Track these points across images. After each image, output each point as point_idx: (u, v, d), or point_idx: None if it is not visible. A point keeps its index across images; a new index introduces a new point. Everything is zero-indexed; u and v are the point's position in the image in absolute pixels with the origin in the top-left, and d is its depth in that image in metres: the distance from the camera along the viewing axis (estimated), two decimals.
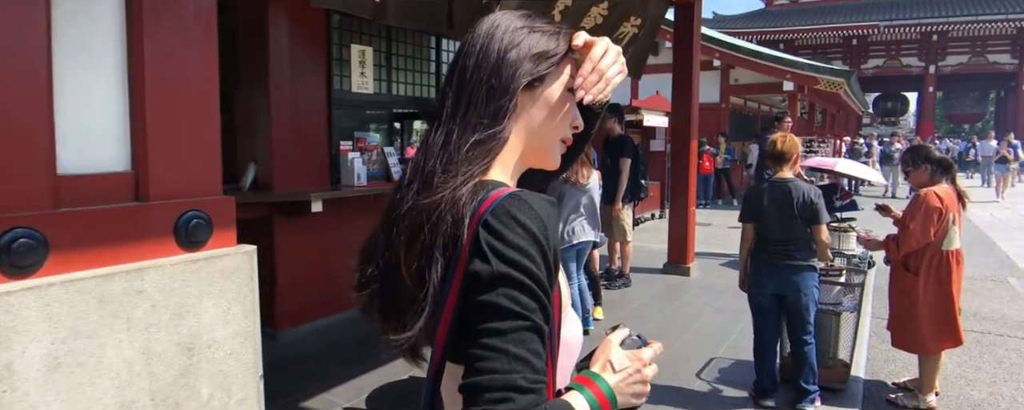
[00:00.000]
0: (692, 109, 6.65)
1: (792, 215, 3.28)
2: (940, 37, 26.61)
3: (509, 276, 0.75)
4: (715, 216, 12.17)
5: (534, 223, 0.78)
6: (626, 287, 6.05)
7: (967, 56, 27.36)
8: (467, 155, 0.84)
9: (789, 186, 3.30)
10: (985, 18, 24.70)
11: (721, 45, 14.54)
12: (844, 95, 14.95)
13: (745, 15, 31.21)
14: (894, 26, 26.18)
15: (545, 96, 0.90)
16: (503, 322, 0.74)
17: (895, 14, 26.45)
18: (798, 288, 3.30)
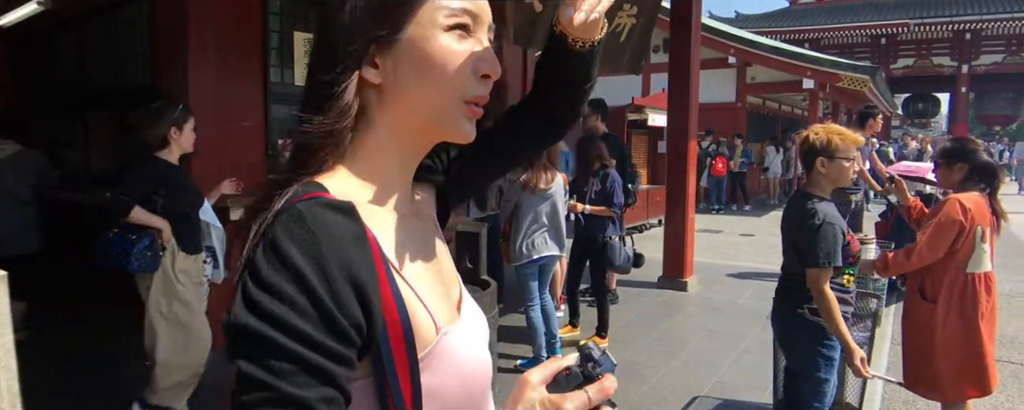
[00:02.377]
0: (690, 106, 5.99)
1: (789, 243, 2.46)
2: (973, 35, 25.38)
3: (247, 330, 0.58)
4: (728, 223, 11.44)
5: (301, 249, 0.59)
6: (613, 304, 5.40)
7: (1002, 55, 26.06)
8: (293, 153, 0.70)
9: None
10: (1021, 15, 23.47)
11: (736, 41, 13.83)
12: (869, 94, 14.07)
13: (769, 14, 30.25)
14: (925, 24, 25.03)
15: (410, 47, 0.70)
16: (243, 394, 0.57)
17: (926, 12, 25.30)
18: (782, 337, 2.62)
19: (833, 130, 2.36)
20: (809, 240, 2.28)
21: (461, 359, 0.71)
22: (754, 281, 6.35)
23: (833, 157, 2.31)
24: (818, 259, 2.25)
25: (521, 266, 3.75)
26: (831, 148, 2.31)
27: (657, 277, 6.14)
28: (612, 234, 4.16)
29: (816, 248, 2.25)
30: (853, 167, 2.34)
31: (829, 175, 2.33)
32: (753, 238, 9.68)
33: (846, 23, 26.30)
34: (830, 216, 2.28)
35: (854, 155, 2.34)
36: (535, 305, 3.77)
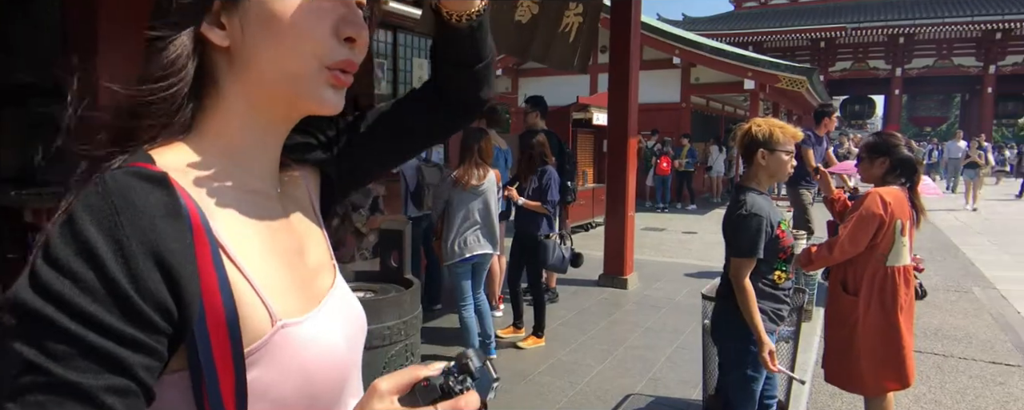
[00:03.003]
0: (630, 106, 6.00)
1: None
2: (906, 40, 26.52)
3: (24, 307, 0.50)
4: (671, 221, 11.59)
5: (95, 222, 0.52)
6: (552, 302, 5.37)
7: (933, 59, 27.30)
8: (113, 121, 0.62)
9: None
10: (951, 20, 24.62)
11: (680, 42, 14.04)
12: (807, 94, 14.49)
13: (714, 17, 30.96)
14: (861, 28, 26.03)
15: (259, 4, 0.61)
16: (14, 379, 0.49)
17: (862, 16, 26.31)
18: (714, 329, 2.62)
19: (774, 123, 2.37)
20: (733, 230, 2.29)
21: (305, 355, 0.63)
22: (693, 278, 6.42)
23: (773, 150, 2.31)
24: (739, 249, 2.25)
25: (453, 265, 3.66)
26: (772, 140, 2.31)
27: (598, 275, 6.14)
28: (547, 232, 4.11)
29: (738, 238, 2.26)
30: (791, 161, 2.35)
31: (768, 167, 2.34)
32: (695, 236, 9.82)
33: (787, 27, 27.14)
34: (757, 208, 2.27)
35: (793, 149, 2.35)
36: (468, 305, 3.68)
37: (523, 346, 4.22)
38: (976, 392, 3.69)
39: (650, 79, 14.60)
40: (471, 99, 0.83)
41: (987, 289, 6.39)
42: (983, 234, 10.16)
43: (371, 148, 0.83)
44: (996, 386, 3.78)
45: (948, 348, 4.47)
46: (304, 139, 0.77)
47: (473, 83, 0.81)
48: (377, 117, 0.84)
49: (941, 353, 4.37)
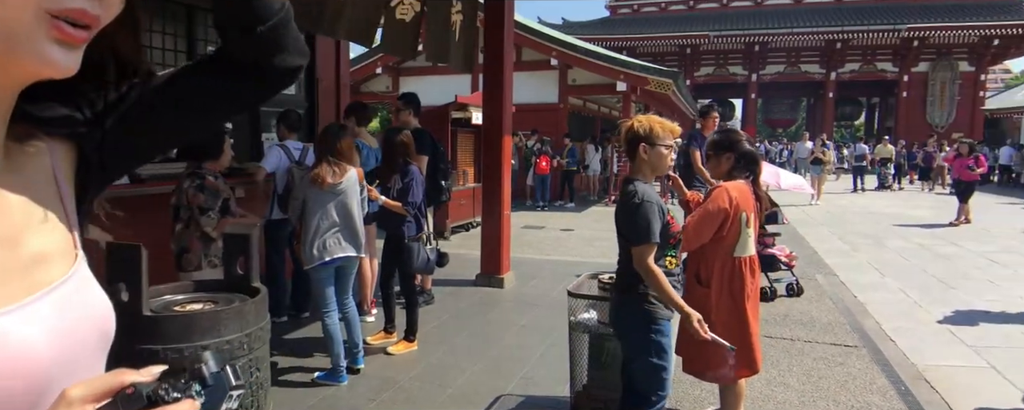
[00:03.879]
0: (504, 103, 6.00)
1: (619, 229, 2.48)
2: (761, 48, 28.78)
3: None
4: (550, 219, 11.80)
5: None
6: (427, 304, 5.25)
7: (784, 66, 29.85)
8: None
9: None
10: (799, 31, 27.02)
11: (558, 44, 14.35)
12: (673, 97, 15.31)
13: (592, 22, 32.04)
14: (722, 36, 27.95)
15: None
16: None
17: (723, 25, 28.25)
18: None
19: (654, 119, 2.45)
20: (629, 219, 2.35)
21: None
22: (569, 274, 6.51)
23: (654, 144, 2.38)
24: (639, 235, 2.31)
25: (314, 269, 3.45)
26: (652, 135, 2.39)
27: (475, 275, 6.08)
28: (414, 234, 3.98)
29: (636, 225, 2.32)
30: (671, 155, 2.41)
31: (650, 161, 2.41)
32: (573, 233, 10.05)
33: (657, 33, 28.66)
34: (648, 195, 2.34)
35: (672, 144, 2.41)
36: (331, 312, 3.48)
37: (393, 351, 4.07)
38: (820, 373, 3.99)
39: (530, 80, 14.84)
40: (268, 67, 0.72)
41: (829, 276, 7.00)
42: (825, 225, 11.17)
43: (150, 123, 0.71)
44: (837, 366, 4.10)
45: (795, 332, 4.81)
46: (68, 111, 0.64)
47: (261, 48, 0.71)
48: (157, 87, 0.71)
49: (789, 337, 4.70)
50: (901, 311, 5.60)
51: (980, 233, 10.35)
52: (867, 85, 30.91)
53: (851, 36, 26.75)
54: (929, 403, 3.55)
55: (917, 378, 3.94)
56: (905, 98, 28.08)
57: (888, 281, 6.82)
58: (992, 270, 7.39)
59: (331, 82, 6.50)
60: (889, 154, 19.84)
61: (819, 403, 3.53)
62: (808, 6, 28.86)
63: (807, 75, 29.72)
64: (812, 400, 3.57)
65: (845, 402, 3.54)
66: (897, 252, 8.61)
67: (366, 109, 5.09)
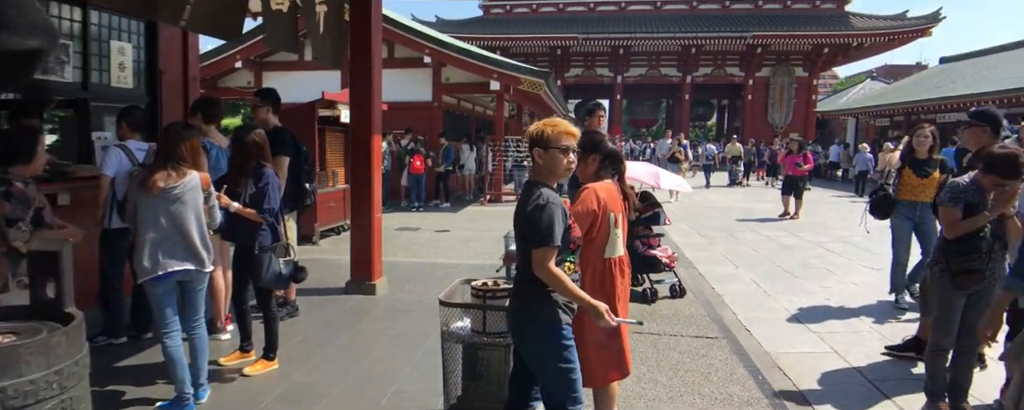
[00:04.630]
0: (372, 101, 5.73)
1: (517, 232, 2.39)
2: (625, 51, 30.26)
3: None
4: (426, 220, 11.59)
5: None
6: (291, 317, 4.89)
7: (646, 69, 31.56)
8: None
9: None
10: (659, 36, 28.67)
11: (430, 41, 14.13)
12: (545, 96, 15.60)
13: (466, 21, 32.05)
14: (590, 39, 29.03)
15: None
16: None
17: (590, 28, 29.34)
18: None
19: (548, 122, 2.38)
20: (530, 222, 2.26)
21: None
22: (444, 277, 6.37)
23: (547, 147, 2.33)
24: (541, 238, 2.23)
25: (148, 284, 3.05)
26: (544, 139, 2.33)
27: (345, 282, 5.77)
28: (267, 243, 3.64)
29: (537, 228, 2.24)
30: (567, 158, 2.33)
31: (546, 165, 2.35)
32: (448, 233, 9.91)
33: (529, 34, 29.24)
34: (551, 198, 2.28)
35: (568, 146, 2.32)
36: (171, 332, 3.10)
37: (251, 372, 3.72)
38: (686, 366, 4.14)
39: (402, 77, 14.50)
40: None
41: (689, 268, 7.38)
42: (684, 220, 11.84)
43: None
44: (701, 358, 4.28)
45: (661, 327, 4.98)
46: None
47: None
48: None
49: (656, 332, 4.85)
50: (755, 301, 5.99)
51: (816, 225, 11.43)
52: (718, 88, 33.40)
53: (704, 42, 28.77)
54: (784, 390, 3.78)
55: (772, 366, 4.19)
56: (750, 100, 30.65)
57: (742, 272, 7.30)
58: (829, 259, 8.14)
59: (177, 75, 5.90)
60: (739, 152, 21.52)
61: (686, 397, 3.64)
62: (667, 12, 30.65)
63: (666, 78, 31.59)
64: (679, 394, 3.68)
65: (709, 394, 3.68)
66: (748, 244, 9.28)
67: (215, 105, 4.63)
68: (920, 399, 3.59)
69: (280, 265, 3.68)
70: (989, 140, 3.86)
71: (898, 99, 25.11)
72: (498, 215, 12.44)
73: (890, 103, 25.14)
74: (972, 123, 4.04)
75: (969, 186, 3.28)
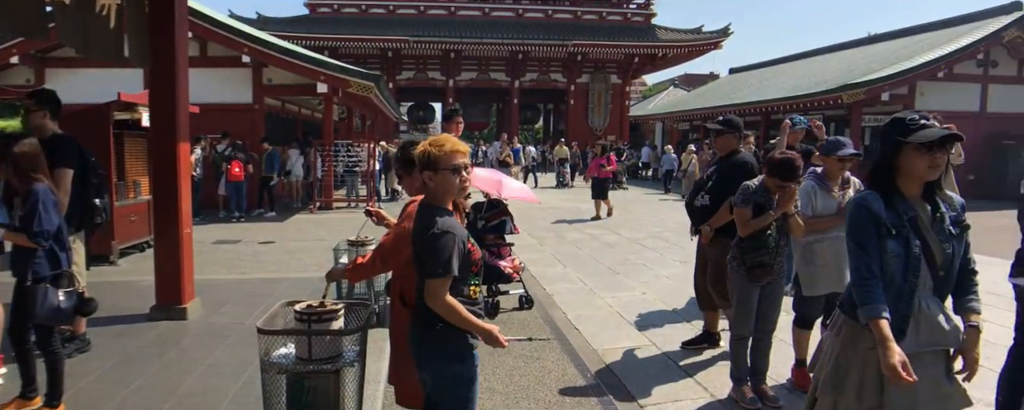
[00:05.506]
0: (177, 101, 5.16)
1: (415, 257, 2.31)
2: (456, 55, 30.52)
3: None
4: (247, 231, 10.77)
5: None
6: (82, 352, 4.26)
7: (476, 73, 32.10)
8: None
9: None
10: (488, 41, 29.30)
11: (249, 39, 13.19)
12: (375, 99, 15.25)
13: (290, 19, 30.37)
14: (421, 42, 28.91)
15: None
16: None
17: (422, 32, 29.22)
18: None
19: (432, 142, 2.29)
20: (427, 251, 2.19)
21: None
22: (268, 294, 5.94)
23: (437, 169, 2.25)
24: (435, 269, 2.16)
25: None
26: (432, 160, 2.25)
27: (149, 307, 5.16)
28: (43, 273, 3.13)
29: (433, 258, 2.17)
30: (459, 177, 2.25)
31: (437, 187, 2.28)
32: (273, 245, 9.30)
33: (359, 35, 28.41)
34: (448, 226, 2.21)
35: (459, 164, 2.24)
36: None
37: None
38: (520, 371, 4.21)
39: (218, 77, 13.38)
40: None
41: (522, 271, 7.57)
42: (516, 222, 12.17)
43: None
44: (534, 362, 4.38)
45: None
46: None
47: None
48: None
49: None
50: (582, 300, 6.30)
51: (632, 222, 12.34)
52: (544, 93, 34.93)
53: (530, 48, 29.92)
54: (611, 386, 3.99)
55: (599, 363, 4.41)
56: (572, 105, 32.43)
57: (570, 272, 7.65)
58: (644, 255, 8.81)
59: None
60: (565, 155, 22.66)
61: (522, 403, 3.71)
62: (494, 19, 31.42)
63: (496, 82, 32.39)
64: (515, 401, 3.74)
65: (543, 398, 3.78)
66: (574, 244, 9.76)
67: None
68: (719, 375, 3.97)
69: (60, 297, 3.17)
70: (736, 143, 4.49)
71: (697, 105, 28.04)
72: (329, 223, 11.93)
73: (690, 109, 27.99)
74: (722, 130, 4.47)
75: (758, 188, 3.68)
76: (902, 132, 2.11)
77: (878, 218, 2.11)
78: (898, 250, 2.11)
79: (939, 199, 2.20)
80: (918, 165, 2.10)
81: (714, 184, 4.44)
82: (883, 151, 2.19)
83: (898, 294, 2.12)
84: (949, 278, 2.19)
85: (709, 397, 3.86)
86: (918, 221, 2.13)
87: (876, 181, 2.21)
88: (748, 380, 3.77)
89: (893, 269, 2.12)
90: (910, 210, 2.14)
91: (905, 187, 2.17)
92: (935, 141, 2.05)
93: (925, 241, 2.12)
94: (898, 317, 2.10)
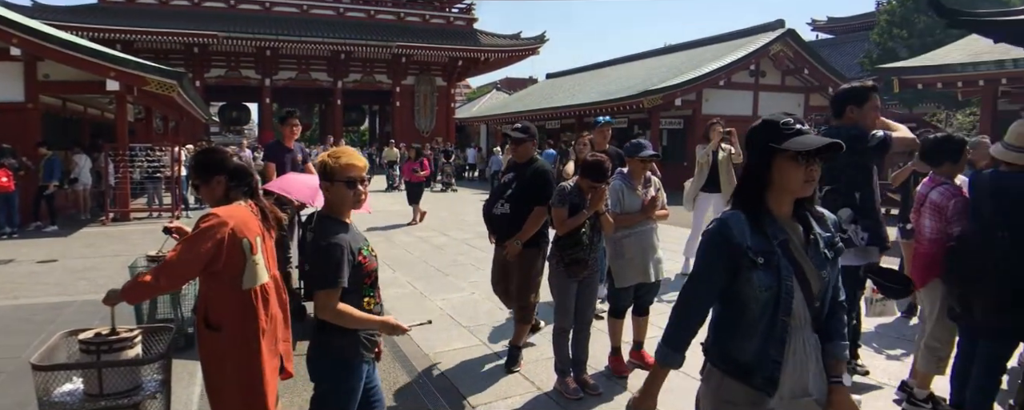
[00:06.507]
0: None
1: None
2: (273, 53, 28.77)
3: None
4: (22, 249, 9.30)
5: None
6: None
7: (296, 72, 30.54)
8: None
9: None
10: (308, 39, 27.99)
11: (17, 28, 11.39)
12: (179, 98, 13.92)
13: (77, 8, 26.61)
14: (232, 38, 26.83)
15: None
16: None
17: (233, 27, 27.14)
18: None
19: (332, 153, 2.35)
20: (314, 262, 2.26)
21: None
22: (48, 321, 5.18)
23: (332, 180, 2.32)
24: (324, 280, 2.21)
25: None
26: (328, 171, 2.32)
27: None
28: None
29: (320, 269, 2.23)
30: (355, 189, 2.32)
31: (332, 199, 2.35)
32: (56, 264, 8.11)
33: (158, 28, 25.68)
34: (337, 237, 2.26)
35: (355, 177, 2.32)
36: None
37: None
38: None
39: None
40: None
41: None
42: None
43: None
44: None
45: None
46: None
47: None
48: None
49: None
50: (413, 304, 6.27)
51: (460, 223, 12.52)
52: (369, 94, 34.19)
53: (353, 49, 29.12)
54: (442, 389, 4.01)
55: (431, 367, 4.42)
56: (398, 107, 32.12)
57: (399, 276, 7.58)
58: (472, 255, 8.98)
59: None
60: (395, 157, 22.36)
61: None
62: (314, 16, 30.15)
63: (317, 82, 31.09)
64: None
65: None
66: (403, 247, 9.69)
67: None
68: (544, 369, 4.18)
69: None
70: (533, 150, 4.41)
71: (518, 108, 29.23)
72: (125, 236, 10.68)
73: (512, 111, 29.09)
74: (523, 138, 4.31)
75: (572, 189, 3.92)
76: (774, 137, 1.74)
77: (738, 248, 1.74)
78: (768, 282, 1.73)
79: (811, 217, 1.86)
80: (792, 178, 1.74)
81: (514, 193, 4.33)
82: (751, 161, 1.83)
83: (767, 336, 1.76)
84: (824, 308, 1.86)
85: (537, 390, 4.04)
86: (790, 245, 1.78)
87: (741, 198, 1.84)
88: (571, 371, 4.01)
89: (762, 306, 1.75)
90: (780, 232, 1.78)
91: (775, 204, 1.80)
92: (812, 150, 1.70)
93: (800, 268, 1.77)
94: (768, 363, 1.75)
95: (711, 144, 7.17)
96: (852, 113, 3.56)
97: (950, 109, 19.21)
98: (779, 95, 21.97)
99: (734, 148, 7.22)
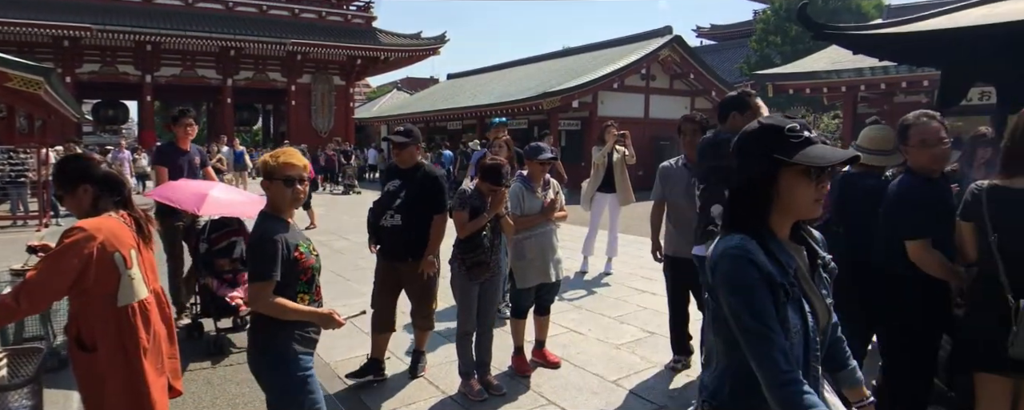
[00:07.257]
0: None
1: None
2: (154, 48, 26.92)
3: None
4: None
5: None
6: None
7: (180, 69, 28.75)
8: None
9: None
10: (193, 34, 26.38)
11: None
12: (47, 96, 12.77)
13: None
14: (108, 32, 24.91)
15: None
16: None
17: (110, 19, 25.17)
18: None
19: (274, 153, 2.47)
20: (250, 256, 2.37)
21: None
22: None
23: (271, 179, 2.41)
24: (257, 274, 2.31)
25: None
26: (267, 170, 2.42)
27: None
28: None
29: (254, 262, 2.34)
30: (294, 188, 2.42)
31: (271, 197, 2.45)
32: None
33: (22, 19, 23.36)
34: (271, 231, 2.36)
35: (295, 176, 2.42)
36: None
37: None
38: (244, 398, 3.93)
39: None
40: None
41: None
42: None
43: None
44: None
45: (217, 359, 4.63)
46: None
47: None
48: None
49: (209, 366, 4.49)
50: None
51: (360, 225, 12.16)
52: (261, 92, 32.73)
53: (244, 45, 27.79)
54: (344, 399, 3.95)
55: (334, 379, 4.32)
56: (294, 106, 30.98)
57: None
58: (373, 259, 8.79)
59: None
60: None
61: None
62: (200, 11, 28.52)
63: (205, 79, 29.44)
64: None
65: None
66: None
67: None
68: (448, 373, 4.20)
69: None
70: (418, 155, 4.17)
71: (420, 108, 29.03)
72: None
73: (414, 112, 28.86)
74: (407, 142, 4.08)
75: (473, 193, 3.97)
76: (779, 146, 1.42)
77: (771, 278, 1.41)
78: (796, 321, 1.43)
79: (808, 238, 1.59)
80: (802, 196, 1.44)
81: (405, 202, 4.04)
82: (750, 173, 1.48)
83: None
84: (827, 339, 1.60)
85: (441, 394, 4.06)
86: (799, 274, 1.49)
87: (740, 219, 1.50)
88: (475, 373, 4.05)
89: (792, 349, 1.41)
90: (791, 260, 1.48)
91: (777, 226, 1.51)
92: (828, 165, 1.41)
93: (810, 300, 1.50)
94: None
95: (606, 146, 7.45)
96: (735, 119, 3.82)
97: (817, 112, 20.93)
98: (668, 98, 23.07)
99: (627, 150, 7.55)
